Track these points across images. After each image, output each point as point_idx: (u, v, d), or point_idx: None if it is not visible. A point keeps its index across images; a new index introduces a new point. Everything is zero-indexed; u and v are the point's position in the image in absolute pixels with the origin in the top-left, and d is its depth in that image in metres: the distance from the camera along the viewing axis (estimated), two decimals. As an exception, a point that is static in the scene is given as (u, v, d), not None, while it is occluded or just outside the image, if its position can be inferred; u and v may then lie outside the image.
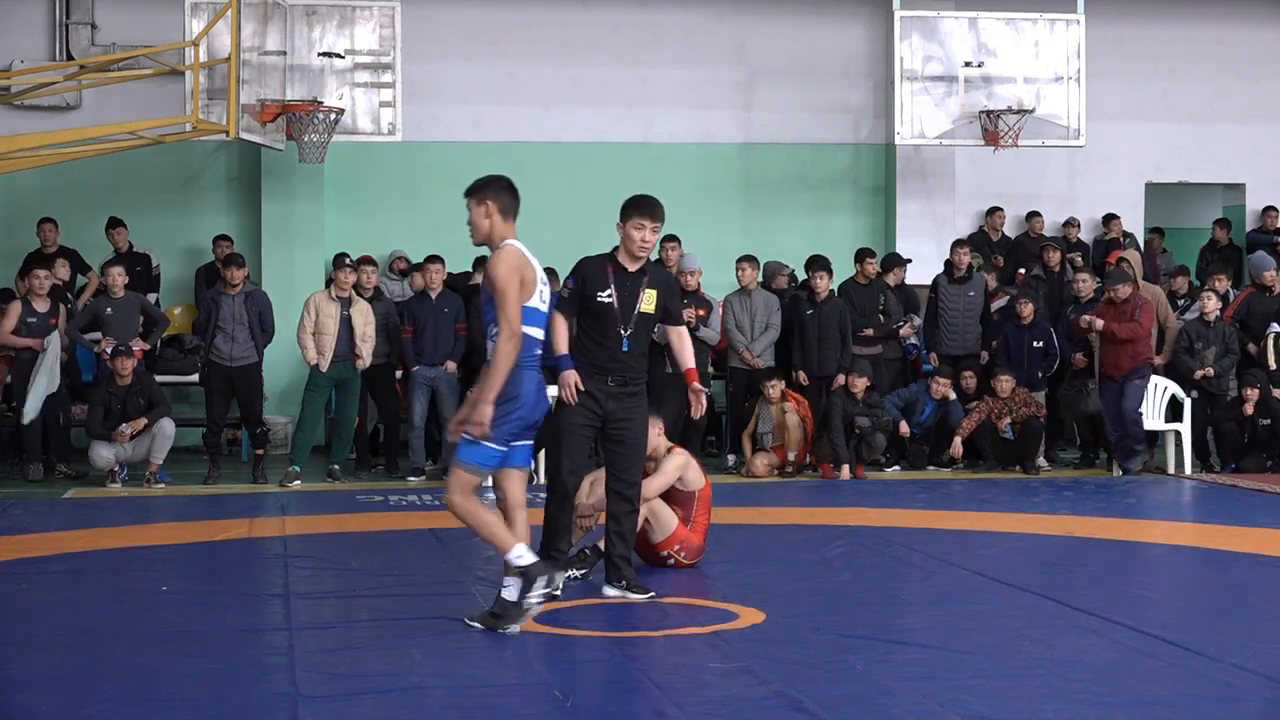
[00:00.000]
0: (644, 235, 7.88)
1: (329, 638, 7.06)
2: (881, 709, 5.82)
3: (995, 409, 14.05)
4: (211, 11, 14.14)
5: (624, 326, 7.85)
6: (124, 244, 15.46)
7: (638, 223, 7.87)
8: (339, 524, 10.78)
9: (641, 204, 7.93)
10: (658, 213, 7.92)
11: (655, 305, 7.95)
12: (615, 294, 7.86)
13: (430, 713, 5.84)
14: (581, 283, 7.91)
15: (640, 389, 7.95)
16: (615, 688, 6.27)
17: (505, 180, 7.33)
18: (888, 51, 16.35)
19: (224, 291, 13.35)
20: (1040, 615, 7.55)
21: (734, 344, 14.06)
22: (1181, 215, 19.75)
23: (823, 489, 12.97)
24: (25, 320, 13.56)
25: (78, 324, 13.70)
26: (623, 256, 7.95)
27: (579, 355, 7.91)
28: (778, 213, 17.20)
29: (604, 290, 7.87)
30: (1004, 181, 17.28)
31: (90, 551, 9.73)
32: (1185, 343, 14.16)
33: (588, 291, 7.89)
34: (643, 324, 7.92)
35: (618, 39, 17.06)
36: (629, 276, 7.92)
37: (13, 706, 5.94)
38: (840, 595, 8.17)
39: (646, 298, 7.92)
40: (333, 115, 14.55)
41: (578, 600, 7.83)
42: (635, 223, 7.88)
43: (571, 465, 7.91)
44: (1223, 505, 12.10)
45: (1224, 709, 5.89)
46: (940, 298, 14.80)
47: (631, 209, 7.92)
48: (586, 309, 7.91)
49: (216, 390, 13.41)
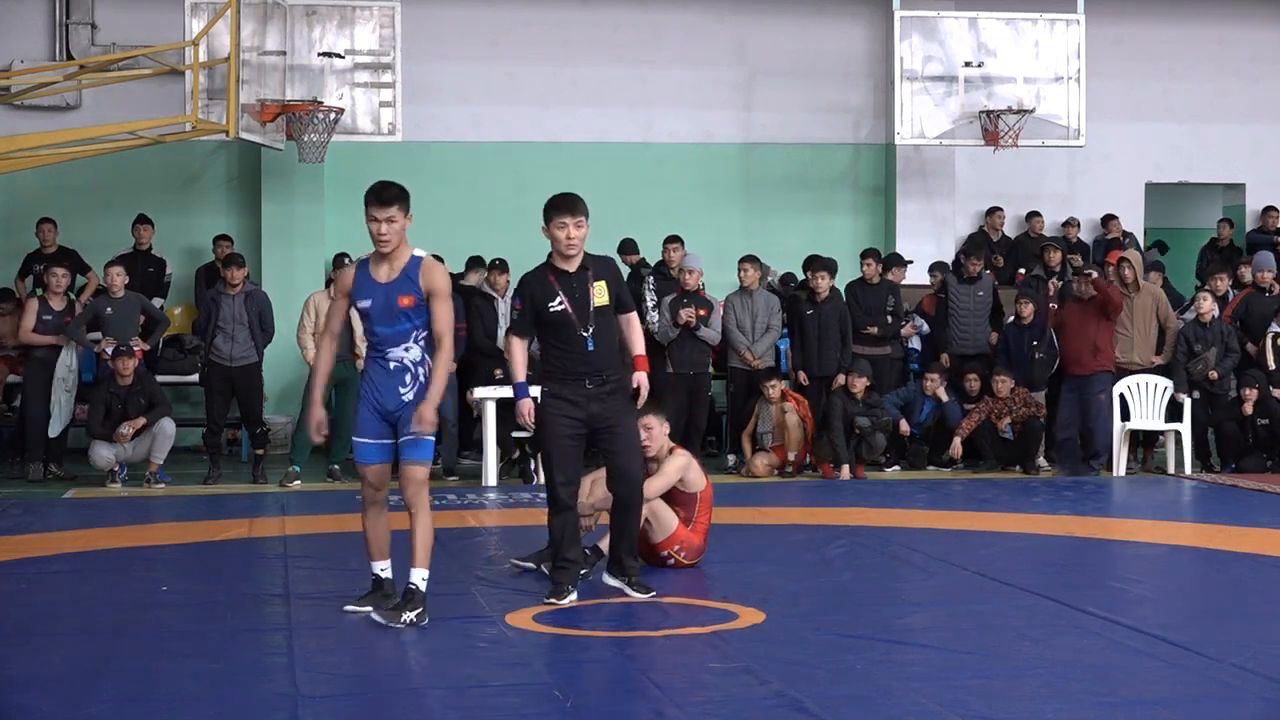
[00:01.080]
0: (567, 233, 7.76)
1: (329, 638, 7.06)
2: (881, 709, 5.82)
3: (995, 409, 14.05)
4: (211, 11, 14.14)
5: (584, 328, 7.79)
6: (147, 242, 15.48)
7: (559, 222, 7.78)
8: (339, 524, 10.76)
9: (559, 203, 7.81)
10: (578, 208, 7.78)
11: (608, 295, 7.88)
12: (566, 299, 7.79)
13: (430, 713, 5.84)
14: (529, 300, 7.84)
15: (618, 383, 7.88)
16: (615, 688, 6.28)
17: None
18: (888, 51, 16.35)
19: (224, 291, 13.35)
20: (1040, 615, 7.54)
21: (735, 345, 14.06)
22: (1181, 215, 19.76)
23: (823, 489, 12.96)
24: (41, 318, 13.67)
25: (78, 323, 13.72)
26: (558, 260, 7.85)
27: (550, 367, 7.88)
28: (778, 213, 17.21)
29: (553, 300, 7.78)
30: (1004, 181, 17.28)
31: (90, 551, 9.73)
32: (1184, 345, 14.16)
33: (538, 305, 7.81)
34: (602, 318, 7.84)
35: (618, 39, 17.06)
36: (572, 277, 7.83)
37: (13, 706, 5.94)
38: (840, 595, 8.16)
39: (598, 291, 7.83)
40: (333, 115, 14.55)
41: (578, 601, 7.83)
42: (557, 222, 7.78)
43: (564, 477, 7.88)
44: (1223, 505, 12.10)
45: (1224, 709, 5.89)
46: (950, 297, 14.82)
47: (550, 210, 7.80)
48: (542, 322, 7.84)
49: (217, 390, 13.41)
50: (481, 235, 15.62)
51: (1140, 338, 14.07)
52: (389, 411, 7.33)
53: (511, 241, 15.41)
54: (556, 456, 7.85)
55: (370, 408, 7.37)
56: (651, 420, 8.59)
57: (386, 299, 7.26)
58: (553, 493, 7.93)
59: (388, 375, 7.30)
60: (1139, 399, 13.98)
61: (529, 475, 13.40)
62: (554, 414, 7.80)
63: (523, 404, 7.87)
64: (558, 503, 7.91)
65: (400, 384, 7.30)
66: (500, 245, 14.86)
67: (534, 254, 8.47)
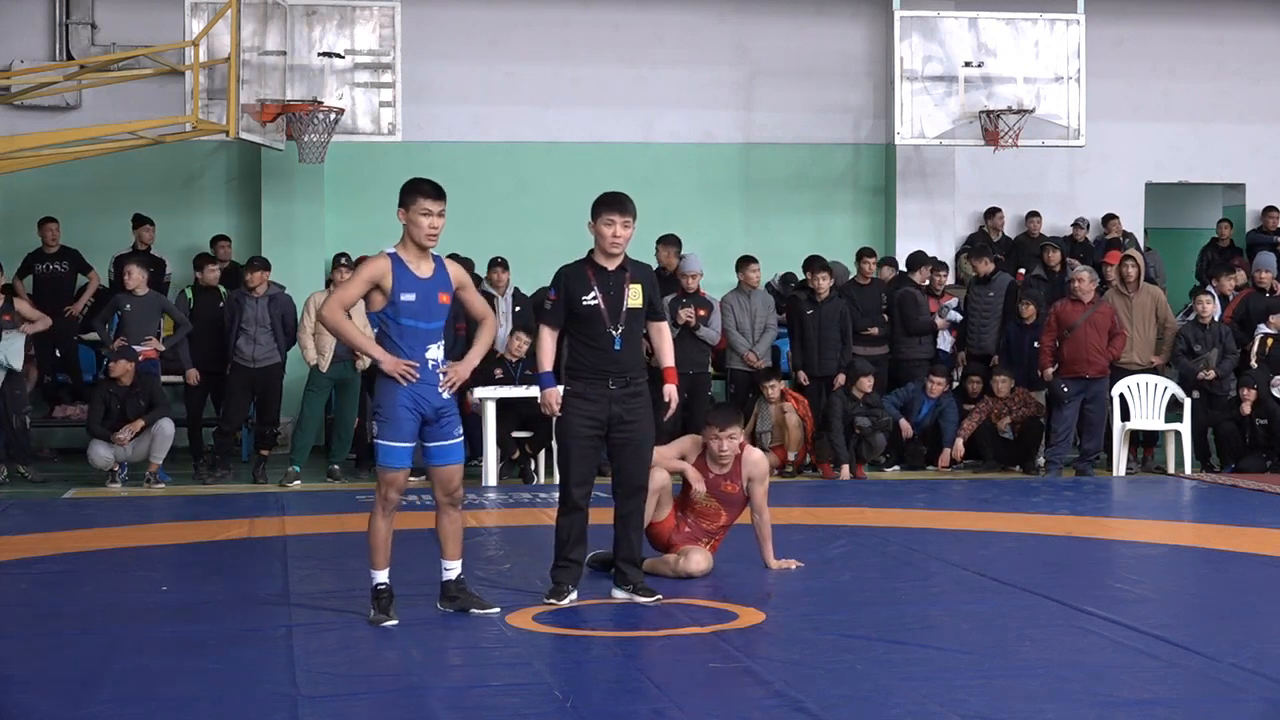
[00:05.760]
0: (614, 231, 7.80)
1: (329, 638, 7.05)
2: (881, 709, 5.82)
3: (995, 409, 14.05)
4: (211, 11, 14.13)
5: (613, 326, 7.80)
6: (147, 242, 15.48)
7: (608, 219, 7.81)
8: (339, 524, 10.77)
9: (609, 201, 7.86)
10: (627, 208, 7.84)
11: (642, 299, 7.91)
12: (600, 295, 7.80)
13: (430, 713, 5.84)
14: (564, 291, 7.85)
15: (642, 387, 7.90)
16: (615, 688, 6.27)
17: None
18: (888, 51, 16.35)
19: (246, 294, 13.38)
20: (1040, 615, 7.54)
21: (736, 347, 14.05)
22: (1181, 215, 19.76)
23: (823, 489, 12.96)
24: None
25: (102, 318, 13.72)
26: (599, 256, 7.87)
27: (576, 363, 7.89)
28: (778, 213, 17.21)
29: (588, 294, 7.80)
30: (1004, 181, 17.29)
31: (90, 551, 9.73)
32: (1184, 346, 14.17)
33: (572, 298, 7.81)
34: (633, 320, 7.86)
35: (618, 39, 17.06)
36: (610, 275, 7.85)
37: (13, 706, 5.94)
38: (840, 595, 8.16)
39: (632, 293, 7.85)
40: (333, 115, 14.55)
41: (577, 601, 7.83)
42: (605, 219, 7.81)
43: (578, 478, 7.85)
44: (1223, 505, 12.10)
45: (1224, 709, 5.89)
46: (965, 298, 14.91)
47: (600, 206, 7.85)
48: (573, 315, 7.84)
49: (238, 391, 13.42)
50: (481, 235, 15.61)
51: (1140, 338, 14.07)
52: (433, 409, 7.26)
53: (511, 241, 15.43)
54: (573, 457, 7.84)
55: (408, 409, 7.24)
56: (736, 431, 8.62)
57: (428, 295, 7.26)
58: (565, 493, 7.91)
59: (426, 373, 7.27)
60: (1139, 399, 13.98)
61: (529, 475, 13.41)
62: (574, 413, 7.79)
63: (549, 393, 7.83)
64: (568, 503, 7.89)
65: (436, 382, 7.28)
66: (500, 245, 14.87)
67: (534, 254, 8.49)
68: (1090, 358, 13.62)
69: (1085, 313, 13.65)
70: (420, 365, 7.22)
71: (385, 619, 7.25)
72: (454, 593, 7.51)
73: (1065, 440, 13.86)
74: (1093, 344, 13.61)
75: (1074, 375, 13.67)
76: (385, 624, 7.23)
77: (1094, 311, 13.66)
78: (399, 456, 7.26)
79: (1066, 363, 13.71)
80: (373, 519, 7.34)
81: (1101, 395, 13.74)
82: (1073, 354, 13.66)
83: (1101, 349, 13.64)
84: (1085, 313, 13.65)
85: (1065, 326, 13.71)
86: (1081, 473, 13.73)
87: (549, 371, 7.88)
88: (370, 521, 7.35)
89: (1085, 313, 13.65)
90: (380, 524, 7.31)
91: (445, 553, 7.51)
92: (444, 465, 7.37)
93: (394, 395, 7.23)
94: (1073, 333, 13.63)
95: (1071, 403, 13.70)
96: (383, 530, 7.32)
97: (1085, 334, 13.61)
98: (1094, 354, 13.63)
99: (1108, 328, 13.67)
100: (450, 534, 7.47)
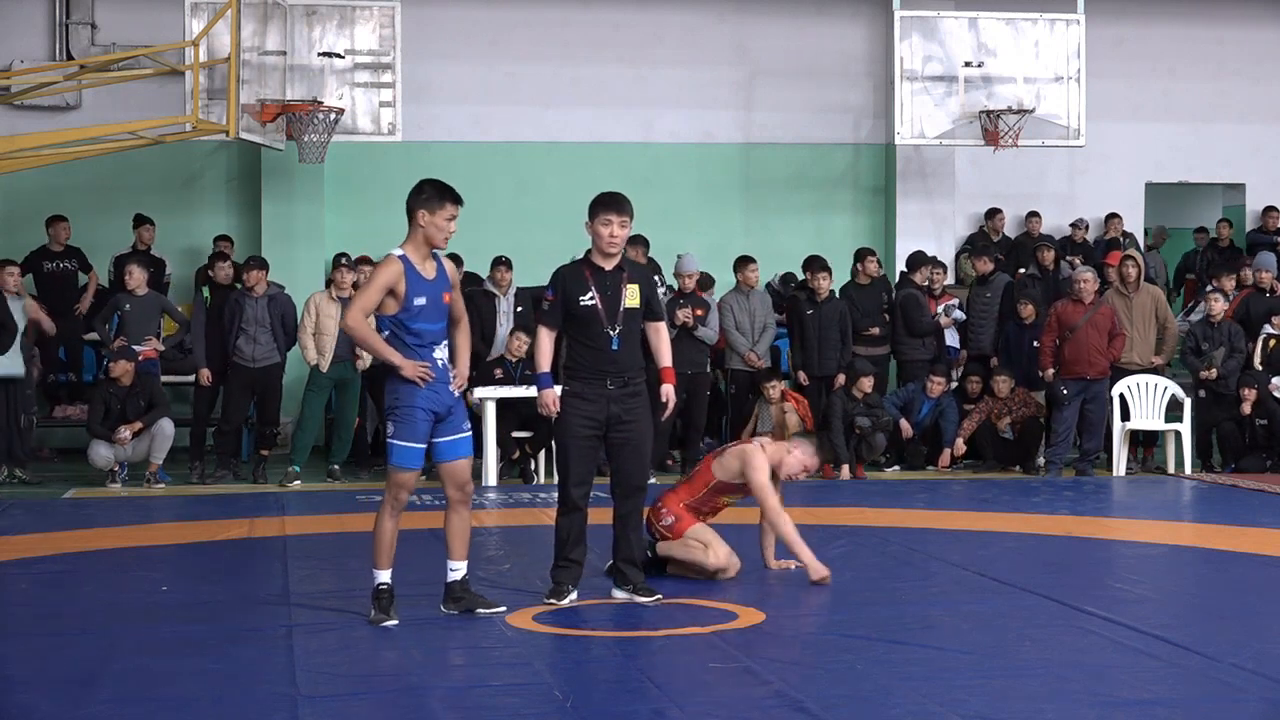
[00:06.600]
0: (611, 230, 7.80)
1: (329, 638, 7.06)
2: (881, 709, 5.82)
3: (995, 409, 14.05)
4: (211, 11, 14.13)
5: (611, 326, 7.80)
6: (147, 242, 15.48)
7: (605, 219, 7.81)
8: (339, 524, 10.77)
9: (607, 201, 7.86)
10: (624, 208, 7.84)
11: (639, 300, 7.91)
12: (597, 295, 7.80)
13: (430, 713, 5.84)
14: (561, 292, 7.85)
15: (640, 387, 7.91)
16: (615, 688, 6.27)
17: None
18: (888, 51, 16.35)
19: (245, 294, 13.37)
20: (1040, 615, 7.54)
21: (736, 347, 14.05)
22: (1181, 215, 19.76)
23: (823, 489, 12.96)
24: None
25: (102, 319, 13.73)
26: (596, 257, 7.88)
27: (574, 363, 7.89)
28: (778, 213, 17.22)
29: (585, 294, 7.80)
30: (1004, 181, 17.29)
31: (90, 551, 9.73)
32: (1193, 344, 14.18)
33: (569, 298, 7.82)
34: (630, 320, 7.86)
35: (618, 39, 17.06)
36: (608, 275, 7.85)
37: (13, 706, 5.94)
38: (840, 595, 8.15)
39: (630, 293, 7.85)
40: (333, 115, 14.55)
41: (577, 601, 7.83)
42: (602, 219, 7.81)
43: (577, 478, 7.85)
44: (1223, 505, 12.10)
45: (1224, 709, 5.89)
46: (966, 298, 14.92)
47: (597, 206, 7.85)
48: (571, 315, 7.84)
49: (237, 391, 13.43)
50: (481, 235, 15.58)
51: (1140, 338, 14.07)
52: (446, 407, 7.28)
53: (511, 241, 15.42)
54: (572, 457, 7.84)
55: (423, 409, 7.24)
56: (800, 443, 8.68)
57: (436, 297, 7.29)
58: (564, 493, 7.91)
59: (438, 372, 7.27)
60: (1139, 399, 13.99)
61: (529, 475, 13.41)
62: (573, 413, 7.80)
63: (547, 394, 7.83)
64: (568, 503, 7.89)
65: (447, 380, 7.31)
66: (500, 245, 14.86)
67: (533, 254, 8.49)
68: (1091, 358, 13.63)
69: (1086, 313, 13.66)
70: (431, 365, 7.25)
71: (385, 619, 7.26)
72: (459, 594, 7.51)
73: (1065, 440, 13.87)
74: (1093, 345, 13.62)
75: (1074, 376, 13.67)
76: (385, 624, 7.23)
77: (1094, 312, 13.67)
78: (413, 457, 7.27)
79: (1067, 363, 13.70)
80: (380, 518, 7.34)
81: (1101, 395, 13.76)
82: (1073, 355, 13.66)
83: (1102, 350, 13.65)
84: (1086, 313, 13.66)
85: (1066, 327, 13.70)
86: (1081, 473, 13.74)
87: (547, 372, 7.88)
88: (377, 521, 7.36)
89: (1086, 313, 13.66)
90: (388, 524, 7.32)
91: (452, 553, 7.51)
92: (455, 459, 7.39)
93: (412, 397, 7.23)
94: (1074, 333, 13.64)
95: (1071, 403, 13.70)
96: (390, 530, 7.32)
97: (1086, 335, 13.62)
98: (1094, 355, 13.63)
99: (1108, 328, 13.68)
100: (458, 533, 7.47)
